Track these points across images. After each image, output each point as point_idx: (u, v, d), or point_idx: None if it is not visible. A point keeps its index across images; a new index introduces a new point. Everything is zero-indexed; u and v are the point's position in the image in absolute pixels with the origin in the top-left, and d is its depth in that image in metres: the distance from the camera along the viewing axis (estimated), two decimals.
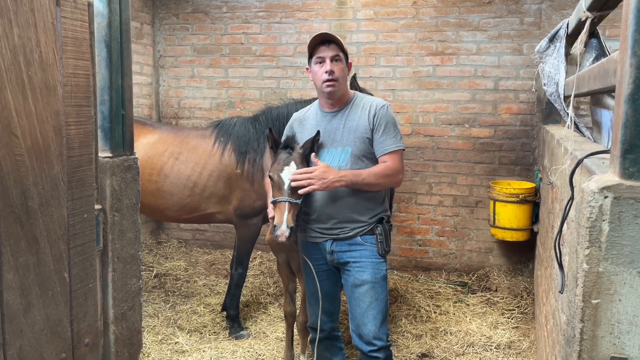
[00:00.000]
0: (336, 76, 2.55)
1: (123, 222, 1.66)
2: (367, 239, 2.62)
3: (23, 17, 1.21)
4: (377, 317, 2.58)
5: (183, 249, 5.99)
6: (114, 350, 1.64)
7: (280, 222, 2.46)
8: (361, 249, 2.61)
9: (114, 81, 1.63)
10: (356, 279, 2.60)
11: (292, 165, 2.56)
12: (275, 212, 2.50)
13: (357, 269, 2.60)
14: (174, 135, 4.14)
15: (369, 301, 2.59)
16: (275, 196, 2.54)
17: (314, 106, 2.80)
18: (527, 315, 4.28)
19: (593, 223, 1.33)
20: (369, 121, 2.58)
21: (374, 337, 2.57)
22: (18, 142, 1.21)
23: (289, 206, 2.48)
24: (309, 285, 2.81)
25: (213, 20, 5.84)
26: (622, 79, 1.31)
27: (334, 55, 2.55)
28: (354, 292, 2.62)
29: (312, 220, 2.66)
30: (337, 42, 2.56)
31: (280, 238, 2.45)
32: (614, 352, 1.35)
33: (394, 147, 2.57)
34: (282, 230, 2.44)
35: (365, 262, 2.60)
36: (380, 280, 2.61)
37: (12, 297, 1.21)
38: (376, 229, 2.62)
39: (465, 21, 5.12)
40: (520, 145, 5.11)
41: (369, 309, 2.58)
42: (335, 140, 2.61)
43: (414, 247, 5.47)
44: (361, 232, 2.61)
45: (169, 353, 3.66)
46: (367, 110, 2.61)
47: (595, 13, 2.46)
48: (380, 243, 2.61)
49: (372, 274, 2.59)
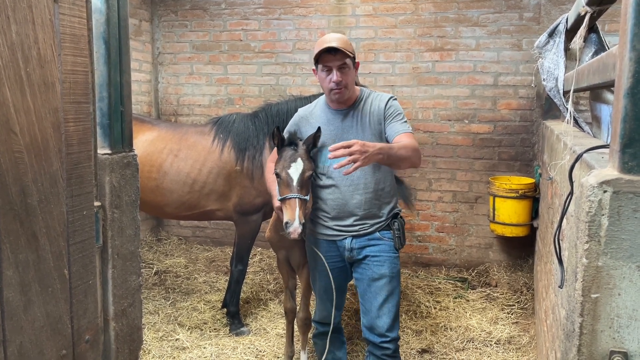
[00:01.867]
0: (344, 84, 2.54)
1: (123, 218, 1.65)
2: (385, 234, 2.66)
3: (21, 13, 1.21)
4: (391, 310, 2.63)
5: (183, 246, 6.00)
6: (115, 346, 1.64)
7: (293, 218, 2.46)
8: (380, 243, 2.64)
9: (113, 78, 1.62)
10: (374, 273, 2.63)
11: (299, 161, 2.56)
12: (285, 209, 2.50)
13: (375, 263, 2.63)
14: (173, 132, 4.13)
15: (385, 295, 2.62)
16: (284, 193, 2.54)
17: (320, 103, 2.79)
18: (527, 311, 4.28)
19: (592, 217, 1.33)
20: (382, 113, 2.60)
21: (388, 329, 2.61)
22: (17, 139, 1.21)
23: (300, 202, 2.49)
24: (322, 281, 2.82)
25: (212, 17, 5.83)
26: (621, 73, 1.31)
27: (341, 64, 2.53)
28: (370, 285, 2.64)
29: (330, 218, 2.67)
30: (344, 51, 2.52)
31: (293, 235, 2.45)
32: (613, 346, 1.35)
33: (405, 130, 2.56)
34: (295, 227, 2.45)
35: (384, 257, 2.63)
36: (397, 275, 2.67)
37: (12, 293, 1.21)
38: (393, 224, 2.66)
39: (464, 17, 5.11)
40: (520, 141, 5.11)
41: (385, 302, 2.62)
42: (349, 138, 2.58)
43: (413, 243, 5.47)
44: (380, 227, 2.65)
45: (169, 350, 3.67)
46: (378, 104, 2.62)
47: (594, 8, 2.46)
48: (397, 237, 2.65)
49: (390, 268, 2.63)
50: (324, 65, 2.55)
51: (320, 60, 2.56)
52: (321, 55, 2.54)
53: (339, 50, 2.51)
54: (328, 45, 2.50)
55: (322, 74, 2.58)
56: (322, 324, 2.91)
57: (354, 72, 2.63)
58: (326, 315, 2.86)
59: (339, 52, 2.51)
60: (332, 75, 2.53)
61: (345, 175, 2.41)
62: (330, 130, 2.64)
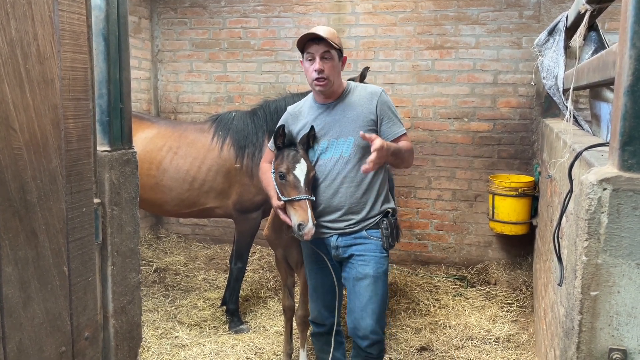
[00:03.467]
0: (326, 74, 2.53)
1: (122, 215, 1.65)
2: (373, 233, 2.62)
3: (20, 10, 1.20)
4: (375, 312, 2.59)
5: (182, 244, 6.00)
6: (114, 343, 1.64)
7: (307, 220, 2.46)
8: (367, 242, 2.61)
9: (112, 75, 1.62)
10: (359, 273, 2.60)
11: (302, 162, 2.56)
12: (295, 211, 2.49)
13: (360, 262, 2.60)
14: (172, 129, 4.13)
15: (369, 295, 2.59)
16: (292, 194, 2.52)
17: (308, 99, 2.79)
18: (526, 309, 4.29)
19: (592, 215, 1.33)
20: (372, 111, 2.59)
21: (371, 331, 2.58)
22: (16, 136, 1.20)
23: (310, 203, 2.51)
24: (312, 279, 2.81)
25: (211, 14, 5.82)
26: (621, 71, 1.31)
27: (324, 52, 2.53)
28: (355, 285, 2.62)
29: (317, 213, 2.64)
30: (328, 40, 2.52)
31: (307, 236, 2.47)
32: (612, 344, 1.35)
33: (400, 132, 2.64)
34: (310, 228, 2.46)
35: (369, 256, 2.60)
36: (382, 275, 2.62)
37: (11, 290, 1.21)
38: (382, 223, 2.62)
39: (464, 15, 5.11)
40: (519, 139, 5.11)
41: (368, 303, 2.58)
42: (336, 131, 2.60)
43: (413, 241, 5.47)
44: (367, 225, 2.61)
45: (168, 347, 3.67)
46: (367, 99, 2.61)
47: (594, 5, 2.45)
48: (386, 237, 2.61)
49: (375, 269, 2.59)
50: (307, 52, 2.55)
51: (304, 49, 2.57)
52: (305, 44, 2.55)
53: (323, 39, 2.51)
54: (312, 31, 2.53)
55: (306, 63, 2.58)
56: (317, 324, 2.89)
57: (339, 65, 2.61)
58: (317, 315, 2.84)
59: (322, 40, 2.52)
60: (315, 64, 2.52)
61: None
62: (317, 125, 2.64)
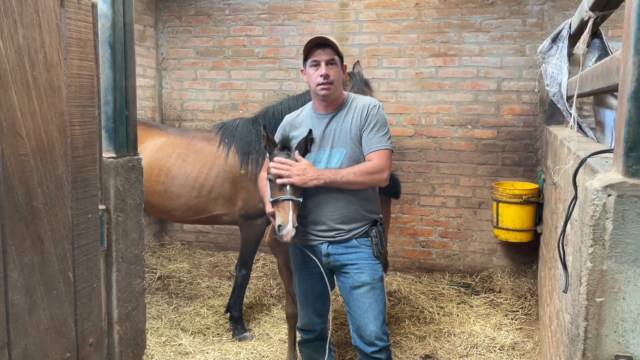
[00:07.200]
0: (331, 79, 2.54)
1: (127, 222, 1.66)
2: (363, 242, 2.62)
3: (28, 18, 1.22)
4: (377, 318, 2.59)
5: (186, 251, 6.00)
6: (118, 350, 1.64)
7: (286, 221, 2.39)
8: (358, 251, 2.61)
9: (118, 82, 1.63)
10: (355, 281, 2.60)
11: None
12: (278, 212, 2.46)
13: (355, 271, 2.60)
14: (180, 137, 4.19)
15: (368, 302, 2.59)
16: (276, 195, 2.48)
17: (307, 108, 2.79)
18: (531, 317, 4.26)
19: (597, 221, 1.33)
20: (361, 121, 2.59)
21: (376, 337, 2.58)
22: (23, 142, 1.22)
23: (293, 205, 2.43)
24: (301, 286, 2.80)
25: (216, 22, 5.86)
26: (625, 77, 1.31)
27: (330, 59, 2.55)
28: (352, 294, 2.62)
29: (307, 222, 2.63)
30: (333, 46, 2.55)
31: (286, 238, 2.39)
32: (618, 351, 1.34)
33: (379, 147, 2.54)
34: (288, 230, 2.38)
35: (363, 264, 2.60)
36: (378, 281, 2.63)
37: (17, 296, 1.22)
38: (371, 231, 2.62)
39: (467, 22, 5.12)
40: (523, 146, 5.10)
41: (369, 310, 2.58)
42: (330, 142, 2.60)
43: (417, 249, 5.46)
44: (357, 234, 2.61)
45: (172, 355, 3.67)
46: (360, 111, 2.61)
47: (597, 13, 2.46)
48: (375, 245, 2.61)
49: (371, 276, 2.59)
50: (313, 60, 2.57)
51: (309, 55, 2.59)
52: (310, 50, 2.57)
53: (328, 45, 2.54)
54: (318, 36, 2.56)
55: (310, 69, 2.59)
56: (305, 331, 2.87)
57: (341, 72, 2.64)
58: (307, 322, 2.83)
59: (327, 46, 2.55)
60: (320, 70, 2.54)
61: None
62: (315, 135, 2.65)
